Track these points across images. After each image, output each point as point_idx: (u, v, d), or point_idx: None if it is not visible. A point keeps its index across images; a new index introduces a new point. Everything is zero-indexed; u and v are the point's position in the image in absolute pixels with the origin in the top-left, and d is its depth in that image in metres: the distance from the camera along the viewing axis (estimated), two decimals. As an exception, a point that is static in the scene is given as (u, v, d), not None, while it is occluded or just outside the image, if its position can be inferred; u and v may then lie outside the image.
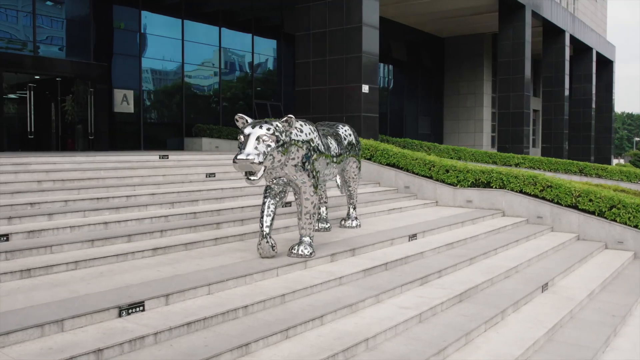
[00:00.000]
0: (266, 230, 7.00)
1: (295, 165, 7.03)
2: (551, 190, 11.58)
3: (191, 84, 20.84)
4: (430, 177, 13.52)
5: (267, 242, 6.96)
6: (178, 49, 20.10)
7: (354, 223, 9.71)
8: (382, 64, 30.13)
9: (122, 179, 10.51)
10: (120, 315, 5.03)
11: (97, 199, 8.91)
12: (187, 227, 8.31)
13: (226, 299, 5.66)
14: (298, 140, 6.93)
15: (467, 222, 11.02)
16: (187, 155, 14.19)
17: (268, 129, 6.35)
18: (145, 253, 7.07)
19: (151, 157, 12.76)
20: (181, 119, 20.24)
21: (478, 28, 32.10)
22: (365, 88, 15.94)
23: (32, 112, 15.65)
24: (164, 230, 7.97)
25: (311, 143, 7.20)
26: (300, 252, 7.16)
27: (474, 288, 7.23)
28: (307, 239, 7.36)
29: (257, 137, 6.26)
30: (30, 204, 8.10)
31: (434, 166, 13.45)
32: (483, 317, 6.28)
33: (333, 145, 8.20)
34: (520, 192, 12.15)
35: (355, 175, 9.48)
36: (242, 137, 6.37)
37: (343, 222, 9.73)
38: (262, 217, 7.11)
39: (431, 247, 8.69)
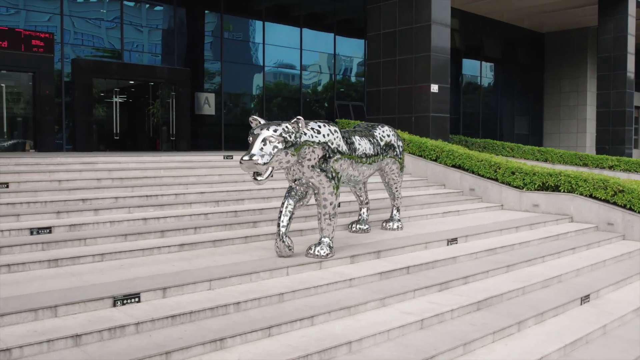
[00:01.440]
0: (282, 230, 7.11)
1: (312, 166, 7.07)
2: (623, 196, 10.63)
3: (271, 85, 21.43)
4: (496, 180, 12.92)
5: (283, 241, 7.07)
6: (259, 51, 20.76)
7: (395, 225, 9.54)
8: (474, 62, 29.16)
9: (178, 177, 11.09)
10: (114, 305, 5.36)
11: (147, 196, 9.49)
12: (224, 224, 8.62)
13: (223, 295, 5.83)
14: (313, 142, 6.97)
15: (523, 227, 10.42)
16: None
17: (275, 131, 6.45)
18: (172, 248, 7.45)
19: (215, 158, 13.31)
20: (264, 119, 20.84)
21: (581, 22, 30.03)
22: (434, 88, 15.55)
23: (118, 115, 16.94)
24: (198, 227, 8.33)
25: (329, 144, 7.20)
26: (316, 252, 7.19)
27: (498, 296, 6.86)
28: (326, 239, 7.38)
29: (264, 138, 6.39)
30: (83, 200, 8.81)
31: (499, 168, 12.84)
32: (493, 327, 5.96)
33: (363, 146, 8.13)
34: (590, 196, 11.27)
35: (396, 176, 9.32)
36: (250, 138, 6.53)
37: (384, 224, 9.61)
38: (279, 217, 7.23)
39: (468, 252, 8.34)
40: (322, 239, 7.38)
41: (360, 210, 9.51)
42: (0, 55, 14.59)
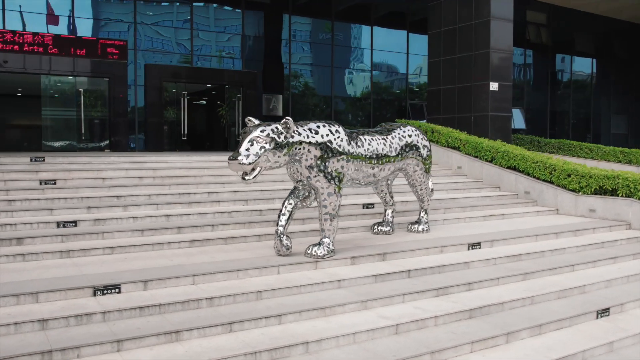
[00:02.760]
0: (280, 229, 7.21)
1: (309, 167, 7.10)
2: (686, 202, 9.62)
3: (341, 86, 21.52)
4: (551, 182, 12.16)
5: (281, 240, 7.17)
6: (327, 52, 20.94)
7: (420, 228, 9.30)
8: (565, 58, 27.47)
9: (219, 177, 11.48)
10: (95, 294, 5.73)
11: (180, 194, 9.96)
12: (244, 222, 8.86)
13: (202, 290, 6.03)
14: (309, 142, 6.99)
15: (566, 233, 9.74)
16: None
17: (262, 131, 6.56)
18: (181, 244, 7.79)
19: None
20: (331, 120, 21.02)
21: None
22: (493, 86, 14.87)
23: (186, 117, 17.82)
24: (217, 224, 8.63)
25: (328, 144, 7.18)
26: (313, 252, 7.21)
27: (498, 305, 6.51)
28: (326, 240, 7.37)
29: (251, 139, 6.51)
30: (117, 196, 9.41)
31: (554, 170, 12.07)
32: (475, 337, 5.68)
33: (373, 146, 7.98)
34: (651, 202, 10.30)
35: (420, 178, 9.05)
36: (240, 138, 6.68)
37: (410, 227, 9.39)
38: (278, 217, 7.32)
39: (486, 258, 7.96)
40: (323, 239, 7.38)
41: (385, 212, 9.37)
42: (78, 62, 15.88)
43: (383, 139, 8.26)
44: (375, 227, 9.15)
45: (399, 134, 8.63)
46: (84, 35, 16.40)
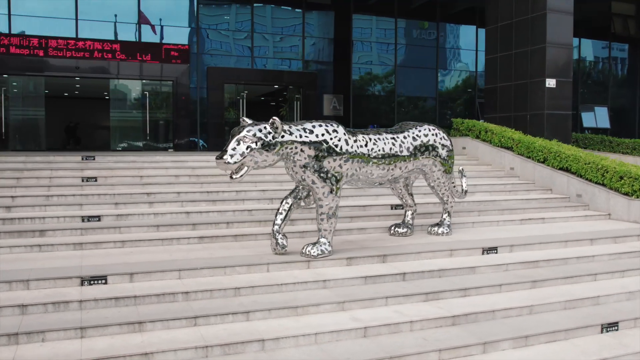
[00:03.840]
0: (275, 228, 7.30)
1: (304, 166, 7.12)
2: None
3: (403, 85, 21.21)
4: (604, 185, 11.31)
5: (275, 239, 7.26)
6: (391, 51, 20.71)
7: (440, 230, 9.01)
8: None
9: (254, 175, 11.68)
10: (82, 284, 6.12)
11: (208, 192, 10.31)
12: (260, 220, 9.03)
13: (184, 285, 6.24)
14: (302, 141, 7.01)
15: (604, 240, 9.05)
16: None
17: (248, 131, 6.67)
18: (191, 240, 8.09)
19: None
20: (392, 120, 20.80)
21: None
22: (550, 82, 14.00)
23: (245, 115, 18.27)
24: (232, 222, 8.87)
25: (323, 144, 7.15)
26: (306, 251, 7.23)
27: (488, 313, 6.20)
28: (322, 240, 7.36)
29: (237, 138, 6.64)
30: (148, 193, 9.92)
31: (607, 172, 11.21)
32: (446, 345, 5.47)
33: (380, 146, 7.81)
34: None
35: (440, 179, 8.76)
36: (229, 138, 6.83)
37: (430, 229, 9.12)
38: (275, 216, 7.41)
39: (497, 263, 7.59)
40: (319, 239, 7.38)
41: (405, 213, 9.18)
42: (144, 67, 16.85)
43: (392, 138, 8.08)
44: (392, 228, 8.99)
45: (413, 133, 8.40)
46: (149, 41, 17.36)
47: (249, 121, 7.05)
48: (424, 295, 6.51)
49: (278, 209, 7.45)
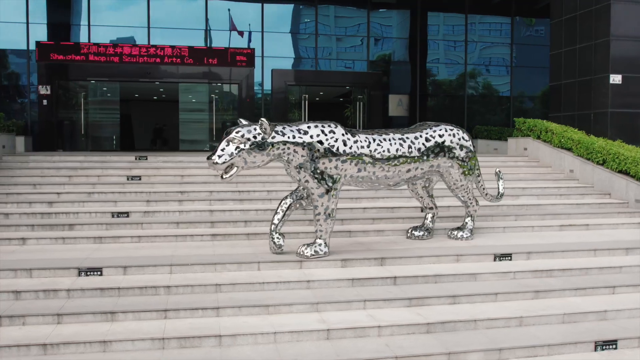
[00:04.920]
0: (272, 227, 7.42)
1: (298, 167, 7.18)
2: None
3: (475, 84, 20.46)
4: (664, 190, 10.30)
5: (272, 238, 7.38)
6: (460, 49, 20.07)
7: (460, 234, 8.68)
8: None
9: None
10: (79, 275, 6.60)
11: (240, 191, 10.62)
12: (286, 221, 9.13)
13: (170, 279, 6.54)
14: (295, 142, 7.06)
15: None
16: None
17: (237, 132, 6.84)
18: (204, 237, 8.43)
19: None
20: (462, 120, 20.17)
21: None
22: (615, 78, 12.87)
23: (307, 116, 18.54)
24: (249, 221, 9.10)
25: (318, 145, 7.16)
26: (300, 251, 7.28)
27: (469, 322, 5.94)
28: (319, 240, 7.38)
29: (227, 139, 6.83)
30: (182, 192, 10.41)
31: (667, 176, 10.20)
32: (405, 353, 5.32)
33: (384, 147, 7.65)
34: None
35: (457, 181, 8.42)
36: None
37: (450, 232, 8.81)
38: (273, 216, 7.53)
39: (504, 271, 7.21)
40: (315, 240, 7.41)
41: (425, 216, 8.94)
42: (211, 70, 17.63)
43: (401, 139, 7.90)
44: (409, 231, 8.79)
45: (427, 134, 8.16)
46: (215, 46, 18.13)
47: (245, 122, 7.22)
48: (407, 300, 6.34)
49: (277, 209, 7.57)
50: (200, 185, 10.94)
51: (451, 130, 8.38)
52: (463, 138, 8.43)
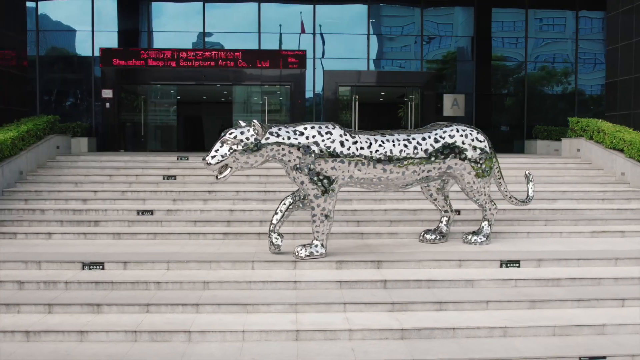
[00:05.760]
0: (270, 227, 7.53)
1: (294, 168, 7.24)
2: None
3: (537, 83, 19.51)
4: None
5: (270, 238, 7.49)
6: (521, 46, 19.23)
7: (474, 239, 8.38)
8: None
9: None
10: (83, 268, 7.03)
11: (266, 192, 10.82)
12: (293, 221, 9.23)
13: (164, 275, 6.81)
14: (291, 144, 7.12)
15: (675, 261, 7.60)
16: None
17: (230, 134, 6.99)
18: (216, 236, 8.70)
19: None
20: (522, 120, 19.33)
21: None
22: (674, 73, 11.81)
23: (357, 117, 18.43)
24: (264, 220, 9.24)
25: (314, 146, 7.17)
26: (296, 252, 7.33)
27: (448, 330, 5.75)
28: (316, 242, 7.40)
29: (221, 140, 7.00)
30: (209, 191, 10.74)
31: None
32: (367, 358, 5.25)
33: (387, 148, 7.51)
34: None
35: (470, 183, 8.12)
36: (219, 140, 7.22)
37: (465, 237, 8.52)
38: (272, 216, 7.63)
39: (505, 278, 6.90)
40: (313, 241, 7.43)
41: (440, 219, 8.72)
42: (263, 73, 18.01)
43: (406, 140, 7.73)
44: (422, 234, 8.60)
45: (436, 134, 7.93)
46: (268, 48, 18.50)
47: (243, 123, 7.35)
48: (390, 305, 6.22)
49: (276, 209, 7.66)
50: (229, 185, 11.20)
51: (463, 130, 8.10)
52: (477, 139, 8.13)
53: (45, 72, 18.39)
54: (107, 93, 17.64)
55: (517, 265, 7.40)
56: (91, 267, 7.05)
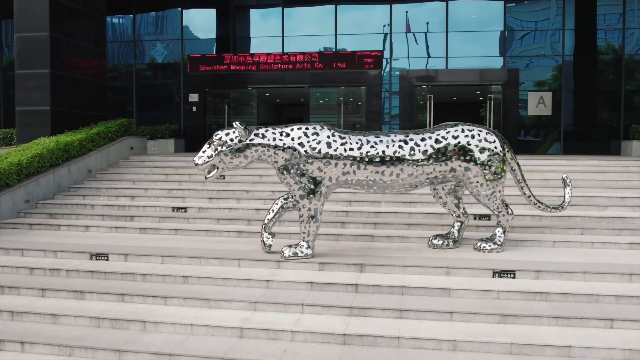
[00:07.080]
0: (262, 226, 7.74)
1: (280, 169, 7.37)
2: None
3: (635, 77, 17.61)
4: None
5: (262, 237, 7.70)
6: (616, 38, 17.48)
7: (484, 246, 7.90)
8: None
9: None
10: (90, 259, 7.75)
11: (300, 192, 10.98)
12: (295, 221, 9.27)
13: (155, 268, 7.30)
14: (275, 145, 7.26)
15: None
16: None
17: (216, 135, 7.28)
18: (230, 234, 9.07)
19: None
20: (619, 120, 17.54)
21: None
22: None
23: (432, 120, 17.84)
24: (284, 221, 9.43)
25: (299, 147, 7.23)
26: (282, 252, 7.44)
27: (392, 339, 5.57)
28: (302, 242, 7.46)
29: (209, 142, 7.31)
30: (247, 191, 11.12)
31: None
32: (295, 358, 5.29)
33: (379, 149, 7.32)
34: None
35: (477, 187, 7.64)
36: (210, 142, 7.54)
37: (476, 244, 8.05)
38: (265, 215, 7.81)
39: (485, 289, 6.45)
40: (300, 241, 7.50)
41: (453, 224, 8.35)
42: (340, 74, 18.20)
43: (402, 141, 7.48)
44: (430, 239, 8.28)
45: (438, 135, 7.59)
46: (343, 49, 18.64)
47: (238, 124, 7.57)
48: (349, 309, 6.14)
49: (269, 208, 7.83)
50: (269, 185, 11.54)
51: (469, 130, 7.67)
52: (485, 139, 7.65)
53: (140, 79, 19.99)
54: (193, 97, 18.91)
55: (512, 275, 6.89)
56: (97, 257, 7.74)
